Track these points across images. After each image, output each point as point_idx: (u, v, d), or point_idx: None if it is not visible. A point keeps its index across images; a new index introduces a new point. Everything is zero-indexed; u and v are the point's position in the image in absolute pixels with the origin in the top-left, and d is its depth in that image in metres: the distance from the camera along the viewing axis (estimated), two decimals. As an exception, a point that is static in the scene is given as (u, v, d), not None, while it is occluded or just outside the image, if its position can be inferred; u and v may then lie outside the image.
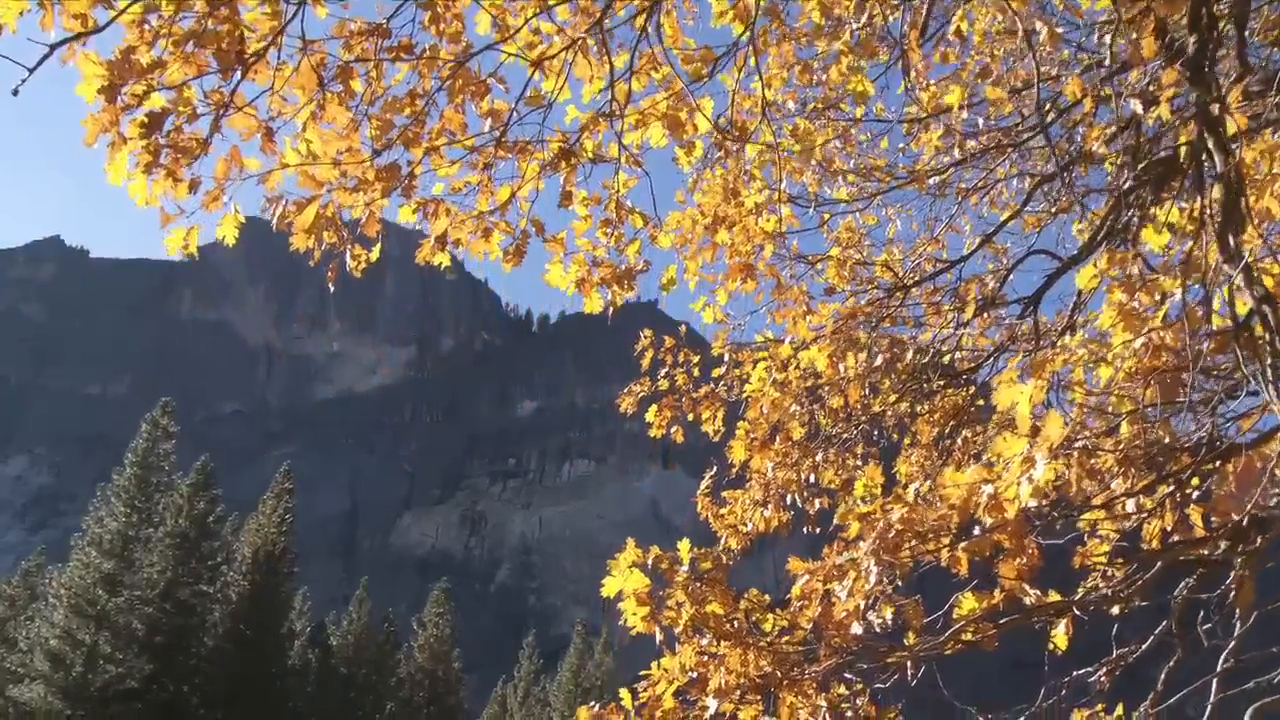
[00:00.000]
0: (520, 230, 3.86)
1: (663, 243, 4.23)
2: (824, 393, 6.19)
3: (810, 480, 6.16)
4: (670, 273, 4.65)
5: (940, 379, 6.45)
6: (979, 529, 3.67)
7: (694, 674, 3.83)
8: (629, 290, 4.11)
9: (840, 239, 6.32)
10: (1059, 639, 4.04)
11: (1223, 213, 2.81)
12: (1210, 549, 3.76)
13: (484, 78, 3.55)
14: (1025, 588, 3.56)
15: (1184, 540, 3.74)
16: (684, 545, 3.70)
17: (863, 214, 6.90)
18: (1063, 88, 6.01)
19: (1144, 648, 3.82)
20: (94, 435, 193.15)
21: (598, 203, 4.02)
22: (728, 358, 6.28)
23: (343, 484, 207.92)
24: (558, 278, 4.11)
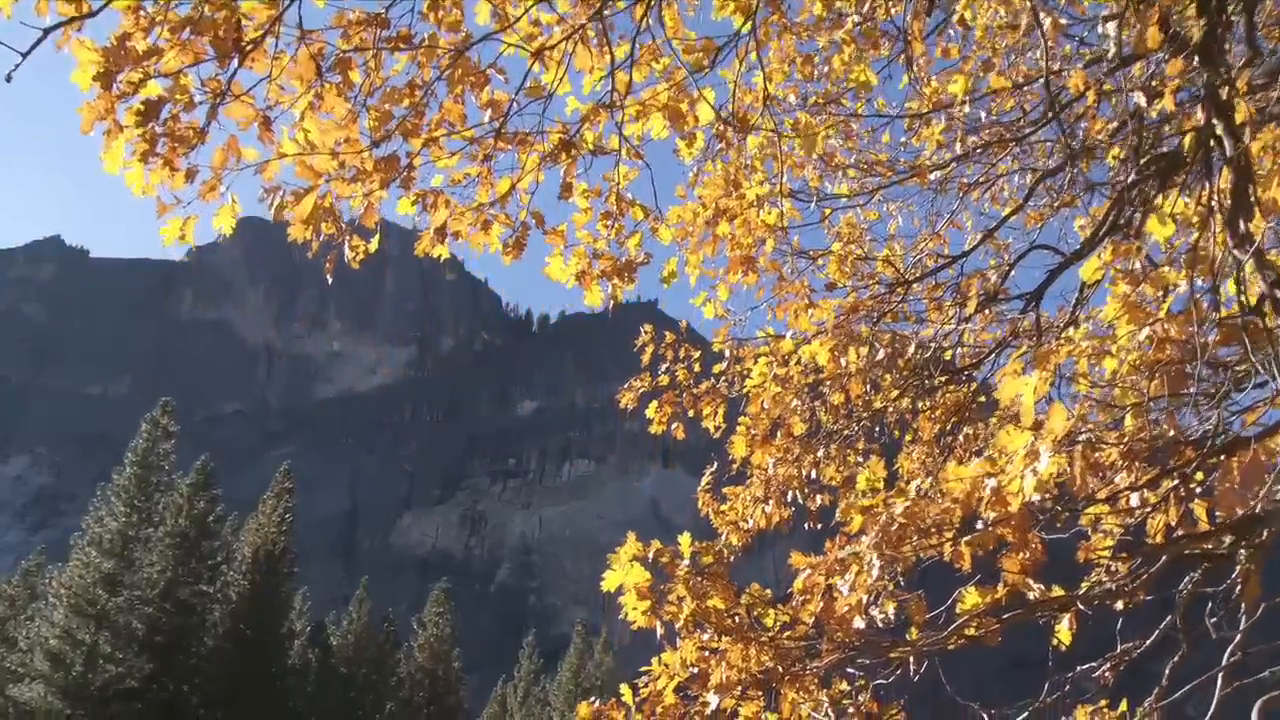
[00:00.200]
0: (520, 222, 3.83)
1: (663, 235, 4.20)
2: (825, 389, 6.17)
3: (811, 477, 6.13)
4: (671, 265, 4.62)
5: (942, 375, 6.43)
6: (981, 525, 3.65)
7: (695, 669, 3.80)
8: (629, 283, 4.08)
9: (841, 234, 6.29)
10: (1062, 634, 4.02)
11: (1233, 197, 2.78)
12: (1215, 543, 3.73)
13: (484, 68, 3.52)
14: (1029, 582, 3.53)
15: (1188, 534, 3.71)
16: (685, 539, 3.68)
17: (864, 209, 6.88)
18: (1065, 81, 5.99)
19: (1148, 643, 3.79)
20: (94, 435, 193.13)
21: (598, 195, 3.99)
22: (728, 354, 6.25)
23: (343, 484, 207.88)
24: (558, 270, 4.08)
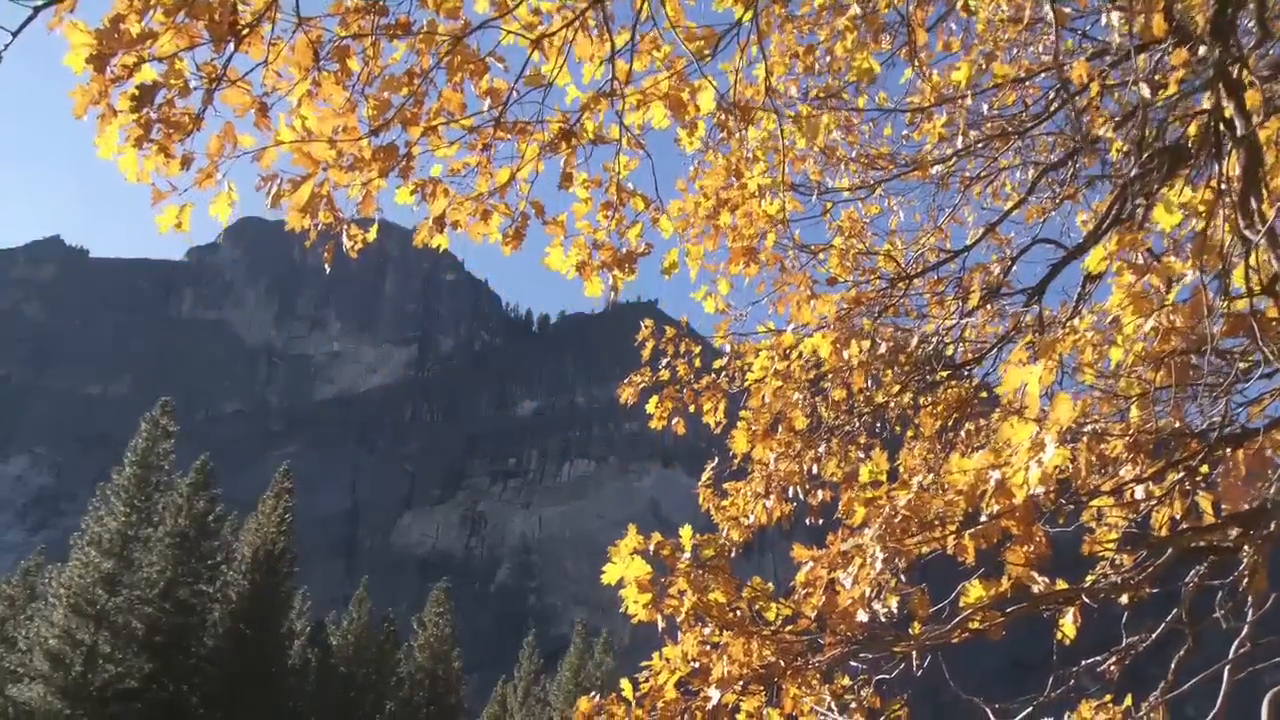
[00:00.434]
0: (520, 213, 3.79)
1: (664, 226, 4.17)
2: (826, 384, 6.13)
3: (813, 472, 6.10)
4: (672, 256, 4.59)
5: (943, 370, 6.39)
6: (985, 518, 3.61)
7: (696, 664, 3.77)
8: (630, 274, 4.04)
9: (843, 228, 6.25)
10: (1066, 628, 3.99)
11: (1244, 177, 2.75)
12: (1220, 536, 3.70)
13: (483, 56, 3.48)
14: (1033, 575, 3.50)
15: (1194, 527, 3.68)
16: (686, 532, 3.64)
17: (865, 204, 6.84)
18: (1069, 74, 5.95)
19: (1153, 637, 3.76)
20: (94, 435, 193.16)
21: (598, 185, 3.96)
22: (729, 349, 6.22)
23: (343, 484, 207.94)
24: (558, 261, 4.04)
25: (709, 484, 6.03)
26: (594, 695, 3.84)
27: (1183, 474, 3.82)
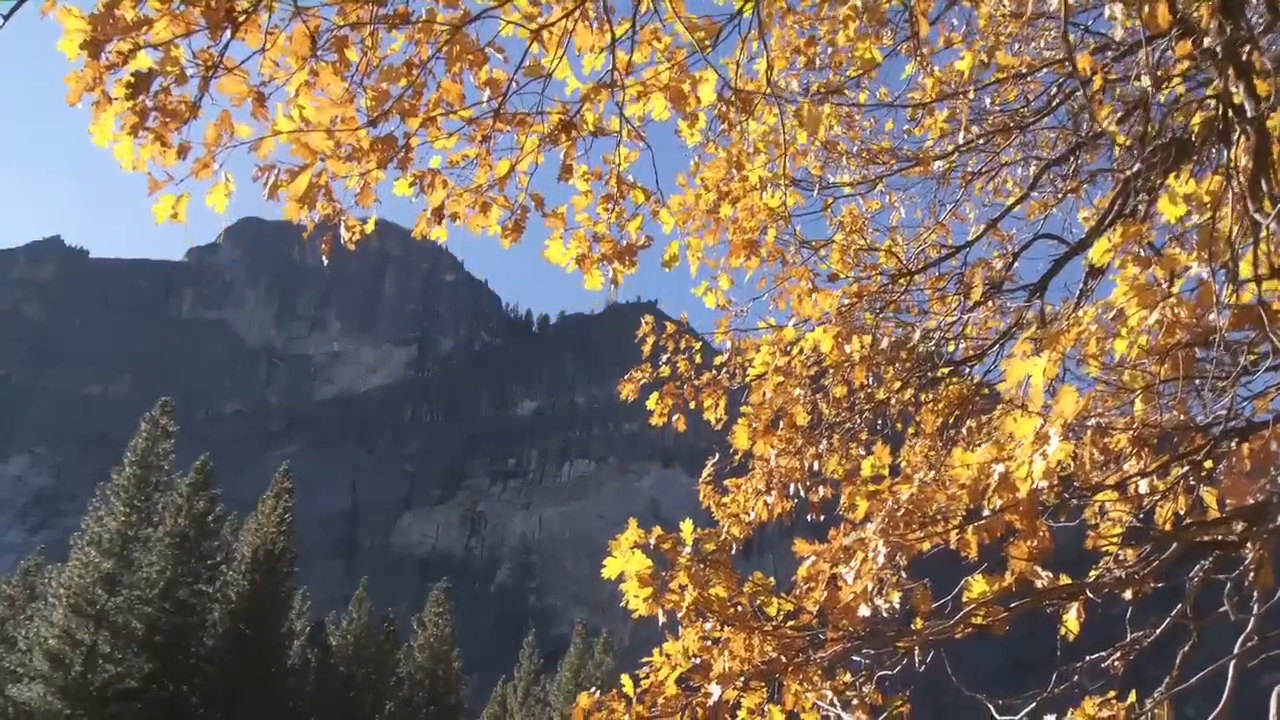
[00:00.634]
0: (519, 205, 3.77)
1: (665, 219, 4.13)
2: (827, 381, 6.10)
3: (814, 469, 6.07)
4: (673, 249, 4.55)
5: (945, 366, 6.36)
6: (989, 512, 3.58)
7: (697, 660, 3.74)
8: (630, 267, 4.01)
9: (844, 223, 6.23)
10: (1070, 624, 3.95)
11: (1254, 159, 2.72)
12: (1226, 531, 3.67)
13: (482, 46, 3.45)
14: (1037, 570, 3.47)
15: (1199, 522, 3.65)
16: (687, 525, 3.62)
17: (866, 199, 6.82)
18: (1072, 67, 5.92)
19: (1158, 632, 3.73)
20: (94, 435, 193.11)
21: (598, 177, 3.93)
22: (730, 345, 6.19)
23: (343, 484, 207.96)
24: (557, 254, 4.01)
25: (709, 480, 6.00)
26: (594, 691, 3.81)
27: (1187, 468, 3.79)
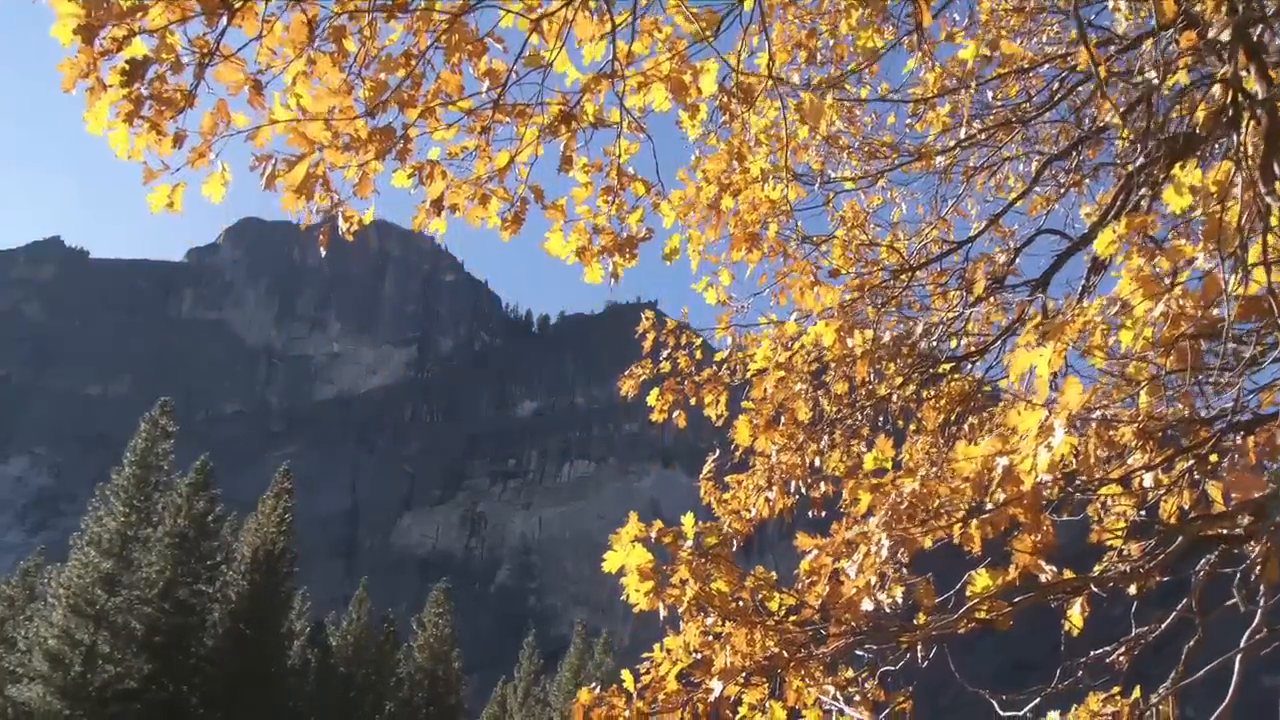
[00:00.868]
0: (519, 197, 3.74)
1: (665, 211, 4.11)
2: (829, 377, 6.07)
3: (815, 465, 6.04)
4: (673, 242, 4.52)
5: (947, 362, 6.34)
6: (992, 506, 3.55)
7: (698, 655, 3.71)
8: (631, 260, 3.98)
9: (845, 218, 6.20)
10: (1074, 619, 3.92)
11: (1265, 141, 2.69)
12: (1230, 525, 3.64)
13: (481, 36, 3.43)
14: (1041, 564, 3.44)
15: (1204, 515, 3.62)
16: (688, 519, 3.59)
17: (867, 195, 6.79)
18: (1074, 64, 5.90)
19: (1163, 626, 3.70)
20: (94, 435, 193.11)
21: (599, 169, 3.90)
22: (730, 341, 6.16)
23: (343, 484, 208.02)
24: (557, 246, 3.98)
25: (710, 477, 5.97)
26: (594, 686, 3.77)
27: (1192, 462, 3.76)
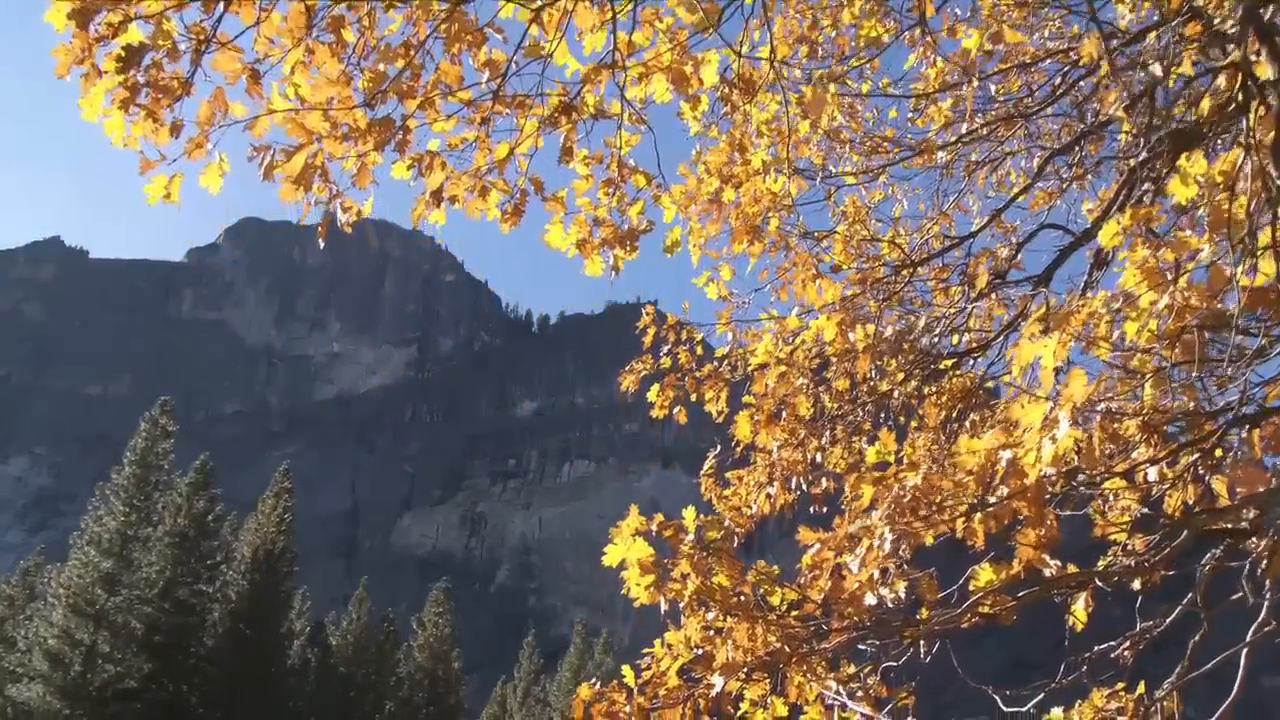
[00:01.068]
0: (519, 189, 3.71)
1: (666, 203, 4.07)
2: (830, 373, 6.05)
3: (816, 461, 6.02)
4: (675, 235, 4.49)
5: (948, 358, 6.31)
6: (995, 500, 3.52)
7: (699, 650, 3.68)
8: (631, 253, 3.95)
9: (847, 213, 6.17)
10: (1078, 614, 3.90)
11: (1277, 127, 2.67)
12: (1236, 519, 3.62)
13: (481, 26, 3.40)
14: (1045, 558, 3.42)
15: (1209, 509, 3.59)
16: (689, 513, 3.56)
17: (869, 191, 6.76)
18: (1078, 59, 5.87)
19: (1168, 621, 3.67)
20: (94, 435, 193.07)
21: (599, 162, 3.87)
22: (731, 336, 6.13)
23: (343, 484, 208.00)
24: (557, 239, 3.95)
25: (711, 473, 5.94)
26: (595, 682, 3.75)
27: (1197, 456, 3.73)
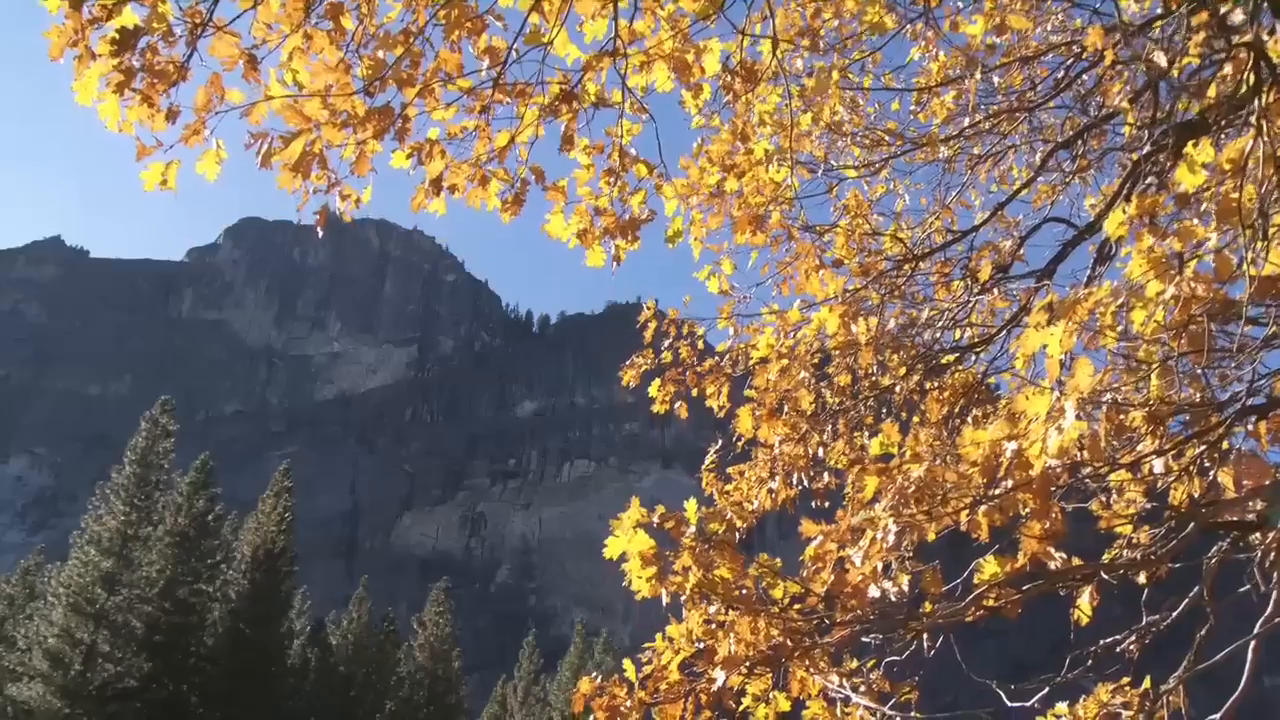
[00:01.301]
0: (519, 178, 3.68)
1: (668, 193, 4.04)
2: (831, 368, 6.01)
3: (818, 456, 5.98)
4: (676, 225, 4.46)
5: (951, 353, 6.28)
6: (999, 493, 3.49)
7: (701, 644, 3.65)
8: (633, 242, 3.92)
9: (849, 206, 6.13)
10: (1083, 608, 3.87)
11: None
12: (1242, 511, 3.58)
13: (481, 13, 3.37)
14: (1050, 551, 3.38)
15: (1215, 501, 3.56)
16: (691, 505, 3.52)
17: (870, 186, 6.73)
18: (1080, 52, 5.84)
19: (1174, 614, 3.64)
20: (94, 435, 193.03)
21: (600, 151, 3.84)
22: (732, 331, 6.09)
23: (343, 484, 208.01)
24: (558, 228, 3.92)
25: (713, 468, 5.91)
26: (595, 676, 3.71)
27: (1203, 448, 3.70)
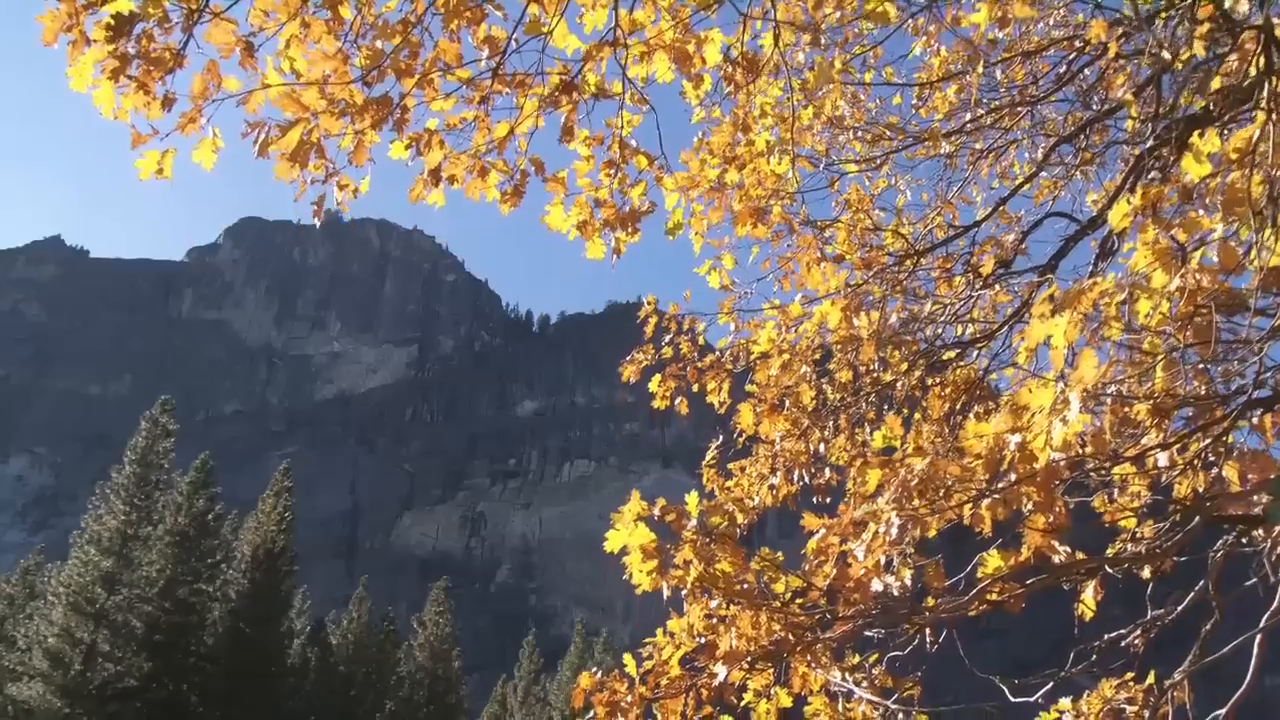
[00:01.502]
0: (519, 170, 3.65)
1: (668, 185, 4.01)
2: (833, 365, 5.99)
3: (819, 452, 5.96)
4: (677, 217, 4.43)
5: (953, 349, 6.25)
6: (1003, 486, 3.46)
7: (702, 638, 3.62)
8: (633, 235, 3.89)
9: (850, 201, 6.10)
10: (1087, 602, 3.84)
11: None
12: (1248, 505, 3.56)
13: (480, 3, 3.34)
14: (1054, 545, 3.36)
15: (1220, 494, 3.53)
16: (692, 498, 3.50)
17: (872, 181, 6.71)
18: (1084, 45, 5.82)
19: (1179, 608, 3.61)
20: (94, 435, 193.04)
21: (600, 143, 3.81)
22: (733, 327, 6.07)
23: (343, 484, 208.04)
24: (558, 220, 3.89)
25: (713, 464, 5.88)
26: (596, 671, 3.69)
27: (1208, 441, 3.67)
